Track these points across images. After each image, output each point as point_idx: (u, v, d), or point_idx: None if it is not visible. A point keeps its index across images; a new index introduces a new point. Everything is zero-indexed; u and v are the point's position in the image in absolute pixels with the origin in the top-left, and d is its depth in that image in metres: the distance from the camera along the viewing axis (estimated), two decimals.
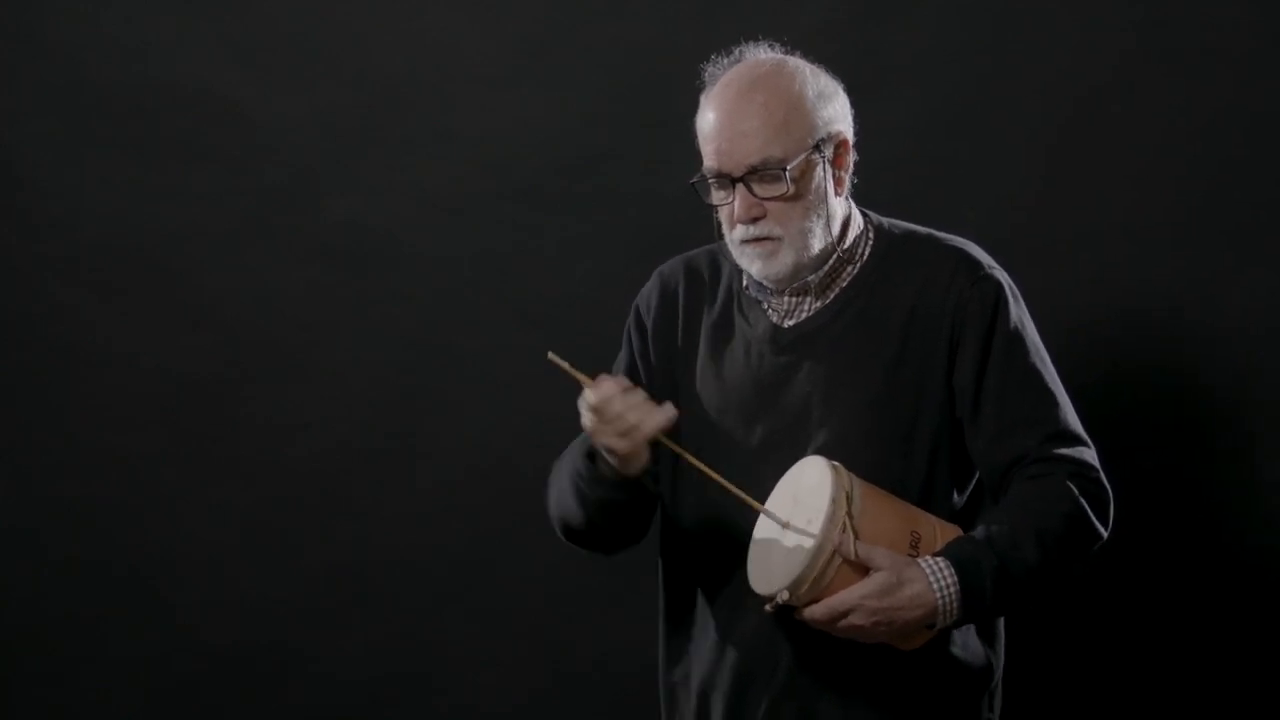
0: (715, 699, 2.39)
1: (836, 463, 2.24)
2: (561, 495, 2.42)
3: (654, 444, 2.27)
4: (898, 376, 2.32)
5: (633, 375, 2.48)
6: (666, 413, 2.22)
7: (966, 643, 2.37)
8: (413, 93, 3.25)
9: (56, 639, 3.39)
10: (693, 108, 2.36)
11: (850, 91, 2.41)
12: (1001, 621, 2.44)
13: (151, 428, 3.35)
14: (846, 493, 2.20)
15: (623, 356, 2.53)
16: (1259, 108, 2.96)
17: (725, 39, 2.42)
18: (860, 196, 2.44)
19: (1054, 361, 2.38)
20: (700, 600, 2.41)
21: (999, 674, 2.44)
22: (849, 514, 2.19)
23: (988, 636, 2.41)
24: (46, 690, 3.40)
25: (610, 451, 2.26)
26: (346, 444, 3.33)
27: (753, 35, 2.43)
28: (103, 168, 3.32)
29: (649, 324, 2.49)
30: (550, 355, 2.24)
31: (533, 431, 3.23)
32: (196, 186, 3.30)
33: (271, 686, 3.37)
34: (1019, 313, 2.36)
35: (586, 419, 2.24)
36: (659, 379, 2.47)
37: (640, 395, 2.22)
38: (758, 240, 2.31)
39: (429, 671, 3.34)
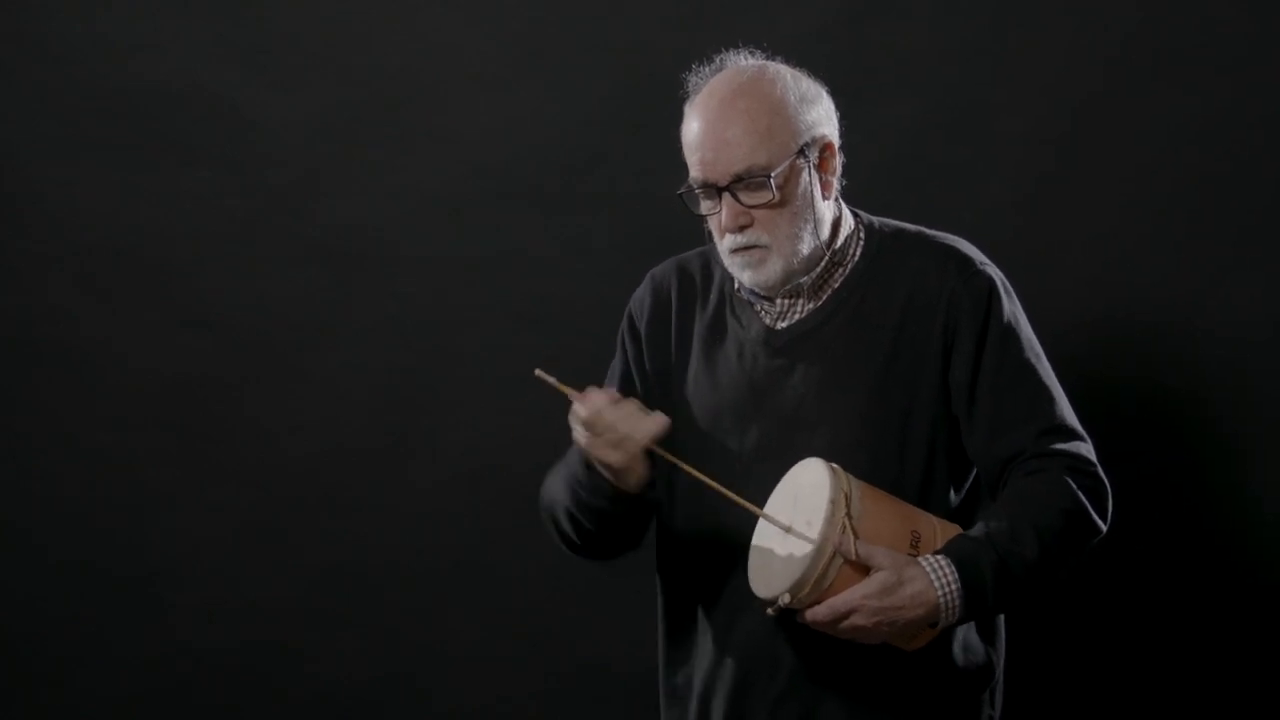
0: (716, 703, 2.39)
1: (835, 464, 2.24)
2: (555, 505, 2.41)
3: (650, 454, 2.27)
4: (892, 376, 2.33)
5: (627, 384, 2.48)
6: (658, 421, 2.22)
7: (967, 641, 2.37)
8: (412, 93, 3.25)
9: (56, 639, 3.39)
10: None
11: (846, 93, 2.41)
12: (1002, 619, 2.45)
13: (151, 428, 3.35)
14: (845, 493, 2.20)
15: (616, 365, 2.53)
16: (1253, 112, 2.96)
17: (723, 40, 2.43)
18: (855, 197, 2.44)
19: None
20: (699, 604, 2.41)
21: (1000, 672, 2.44)
22: (848, 514, 2.19)
23: (988, 635, 2.41)
24: (46, 690, 3.40)
25: (605, 466, 2.25)
26: (346, 444, 3.33)
27: (750, 37, 2.43)
28: (102, 169, 3.31)
29: (642, 329, 2.49)
30: (537, 372, 2.24)
31: (532, 431, 3.22)
32: (196, 187, 3.30)
33: (271, 687, 3.37)
34: (1012, 308, 2.36)
35: (579, 434, 2.24)
36: (654, 384, 2.47)
37: (631, 405, 2.22)
38: (747, 249, 2.31)
39: (429, 671, 3.34)
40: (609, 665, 3.25)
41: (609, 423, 2.21)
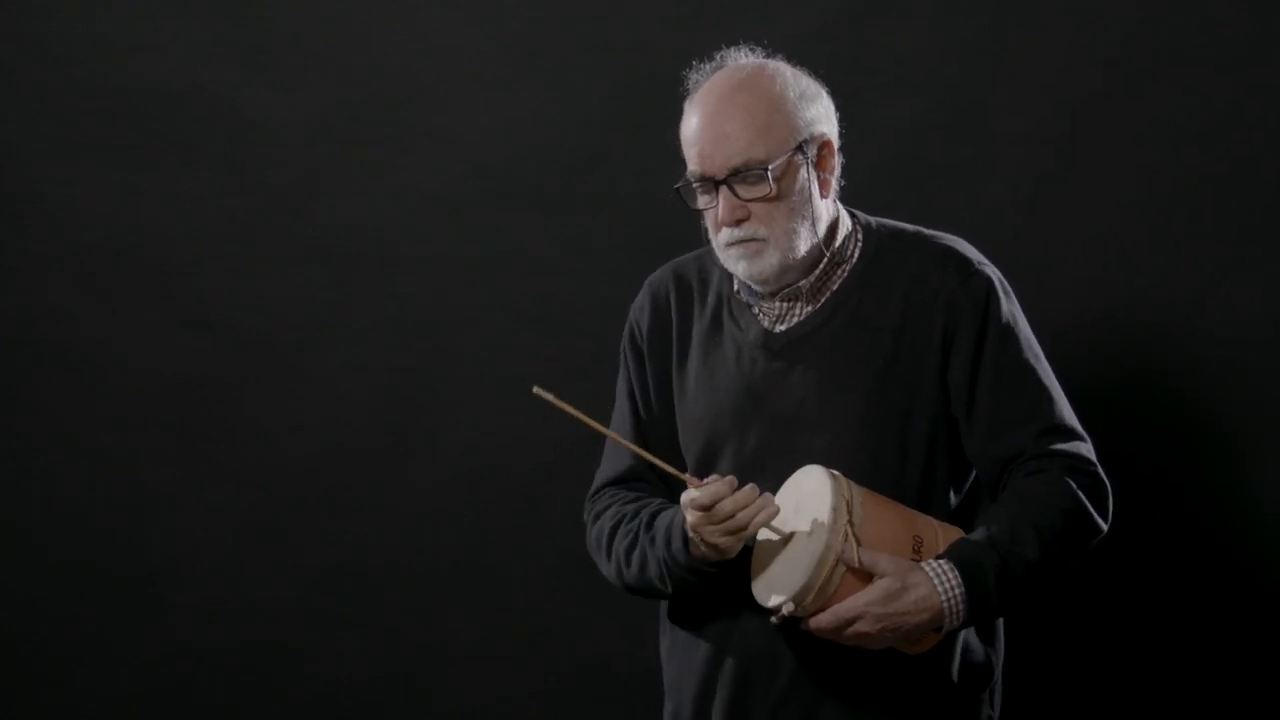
0: (716, 704, 2.39)
1: (835, 471, 2.24)
2: (624, 565, 2.40)
3: (648, 465, 2.28)
4: (891, 377, 2.32)
5: (633, 405, 2.49)
6: (772, 510, 2.21)
7: (966, 641, 2.37)
8: (413, 93, 3.25)
9: (56, 639, 3.39)
10: None
11: (846, 93, 2.41)
12: (1001, 620, 2.45)
13: (151, 428, 3.35)
14: (846, 500, 2.20)
15: (621, 383, 2.53)
16: (1253, 112, 2.96)
17: (723, 40, 2.43)
18: (854, 197, 2.44)
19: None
20: (700, 607, 2.41)
21: (999, 672, 2.44)
22: (850, 521, 2.18)
23: (987, 635, 2.41)
24: (46, 690, 3.40)
25: (710, 547, 2.24)
26: (346, 444, 3.33)
27: (750, 37, 2.43)
28: (102, 169, 3.31)
29: (644, 342, 2.49)
30: (535, 390, 2.20)
31: (532, 432, 3.23)
32: (196, 187, 3.30)
33: (271, 687, 3.37)
34: (1010, 308, 2.36)
35: (692, 517, 2.23)
36: (658, 396, 2.47)
37: (747, 493, 2.20)
38: (743, 242, 2.31)
39: (429, 671, 3.34)
40: (609, 665, 3.25)
41: (728, 512, 2.20)
